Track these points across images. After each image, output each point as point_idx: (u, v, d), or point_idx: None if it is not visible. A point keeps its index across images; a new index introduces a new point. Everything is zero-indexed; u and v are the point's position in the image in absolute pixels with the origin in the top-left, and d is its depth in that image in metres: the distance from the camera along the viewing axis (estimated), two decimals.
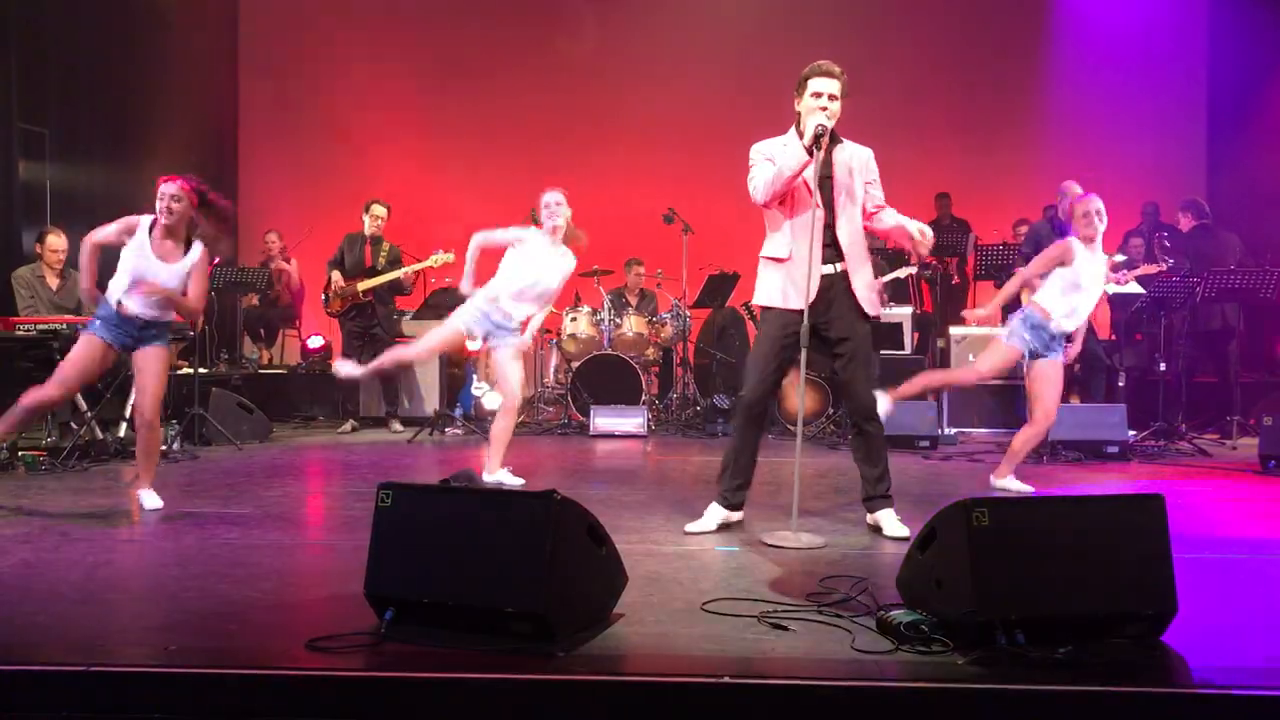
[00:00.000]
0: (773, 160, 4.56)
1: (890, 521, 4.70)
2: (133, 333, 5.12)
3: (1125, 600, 3.04)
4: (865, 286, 4.64)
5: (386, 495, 3.16)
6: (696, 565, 4.08)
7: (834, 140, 4.59)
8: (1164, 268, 8.07)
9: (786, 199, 4.58)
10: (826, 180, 4.58)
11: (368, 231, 8.70)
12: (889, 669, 2.83)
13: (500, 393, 6.12)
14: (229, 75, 12.42)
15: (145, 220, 5.12)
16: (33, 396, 5.09)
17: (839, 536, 4.62)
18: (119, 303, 5.06)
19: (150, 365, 5.14)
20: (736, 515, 4.84)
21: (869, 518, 4.82)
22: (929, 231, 4.66)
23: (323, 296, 8.90)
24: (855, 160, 4.66)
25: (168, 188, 5.09)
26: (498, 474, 5.93)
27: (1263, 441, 6.92)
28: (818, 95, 4.49)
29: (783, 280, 4.61)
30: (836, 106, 4.52)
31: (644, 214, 9.82)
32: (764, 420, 4.92)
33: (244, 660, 2.90)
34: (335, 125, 11.98)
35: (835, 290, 4.62)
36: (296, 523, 5.01)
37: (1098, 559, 3.03)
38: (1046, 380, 5.73)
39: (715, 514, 4.78)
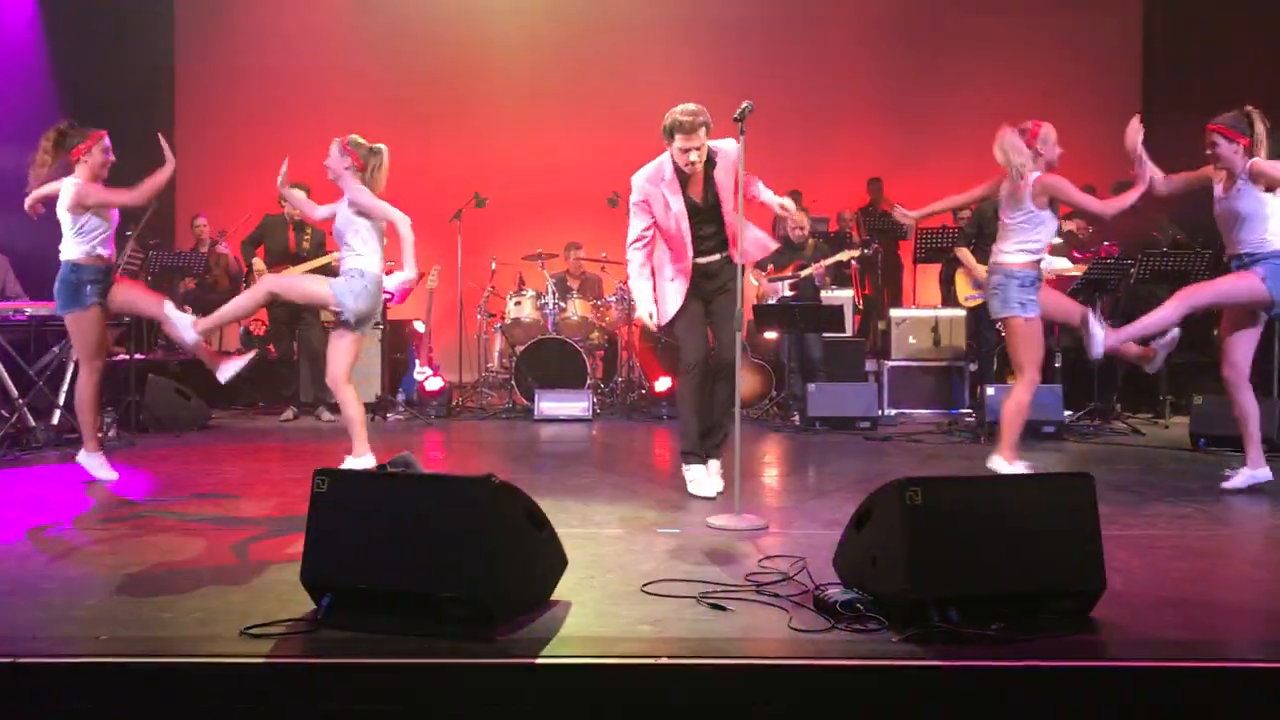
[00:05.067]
0: (650, 207, 5.08)
1: (711, 472, 5.22)
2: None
3: (1056, 577, 3.10)
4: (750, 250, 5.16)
5: (323, 481, 3.13)
6: (638, 548, 4.09)
7: (709, 159, 5.00)
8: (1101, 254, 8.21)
9: (670, 242, 5.15)
10: (712, 209, 5.08)
11: (288, 216, 8.52)
12: (824, 647, 2.86)
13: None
14: (165, 55, 12.18)
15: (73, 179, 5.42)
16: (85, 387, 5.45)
17: (781, 517, 4.65)
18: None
19: None
20: (715, 465, 5.27)
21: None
22: (789, 204, 5.12)
23: (245, 285, 8.75)
24: (730, 172, 4.99)
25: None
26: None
27: (1193, 421, 7.08)
28: (685, 151, 4.90)
29: (673, 289, 5.18)
30: (702, 154, 4.93)
31: (588, 197, 9.80)
32: (709, 380, 5.23)
33: (177, 649, 2.87)
34: (274, 105, 11.81)
35: (724, 272, 5.12)
36: (234, 510, 4.95)
37: (1029, 537, 3.09)
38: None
39: (701, 471, 5.20)
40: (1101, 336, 5.21)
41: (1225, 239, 5.29)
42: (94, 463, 5.52)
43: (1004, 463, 5.32)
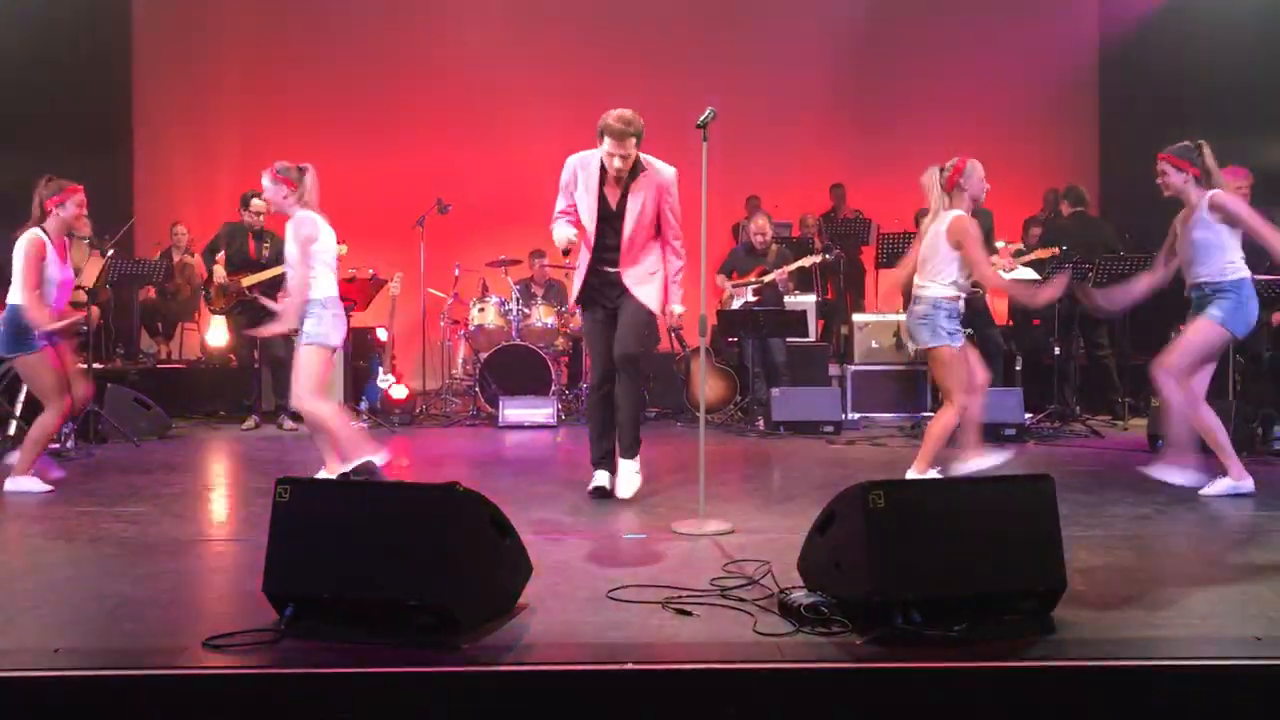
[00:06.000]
0: (572, 188, 5.21)
1: (628, 472, 5.30)
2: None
3: (1017, 578, 3.13)
4: (644, 289, 5.17)
5: (284, 490, 3.11)
6: (603, 554, 4.10)
7: (636, 168, 5.06)
8: (1056, 251, 8.29)
9: (581, 233, 5.21)
10: (618, 217, 5.11)
11: (248, 224, 8.44)
12: (789, 651, 2.88)
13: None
14: (123, 61, 12.04)
15: (39, 234, 5.38)
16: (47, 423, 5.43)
17: (746, 521, 4.66)
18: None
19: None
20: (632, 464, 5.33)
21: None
22: (674, 312, 5.27)
23: (204, 293, 8.67)
24: (651, 189, 5.09)
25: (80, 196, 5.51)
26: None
27: (1151, 422, 7.17)
28: (610, 156, 4.97)
29: (578, 280, 5.35)
30: (627, 163, 5.00)
31: (551, 203, 9.76)
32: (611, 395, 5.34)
33: (138, 661, 2.84)
34: (233, 114, 11.72)
35: (618, 286, 5.21)
36: (195, 520, 4.90)
37: (990, 538, 3.11)
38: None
39: (603, 475, 5.33)
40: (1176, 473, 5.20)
41: (1184, 270, 5.29)
42: (25, 484, 5.42)
43: (917, 473, 5.31)
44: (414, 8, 12.08)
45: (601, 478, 5.32)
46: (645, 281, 5.18)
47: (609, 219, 5.16)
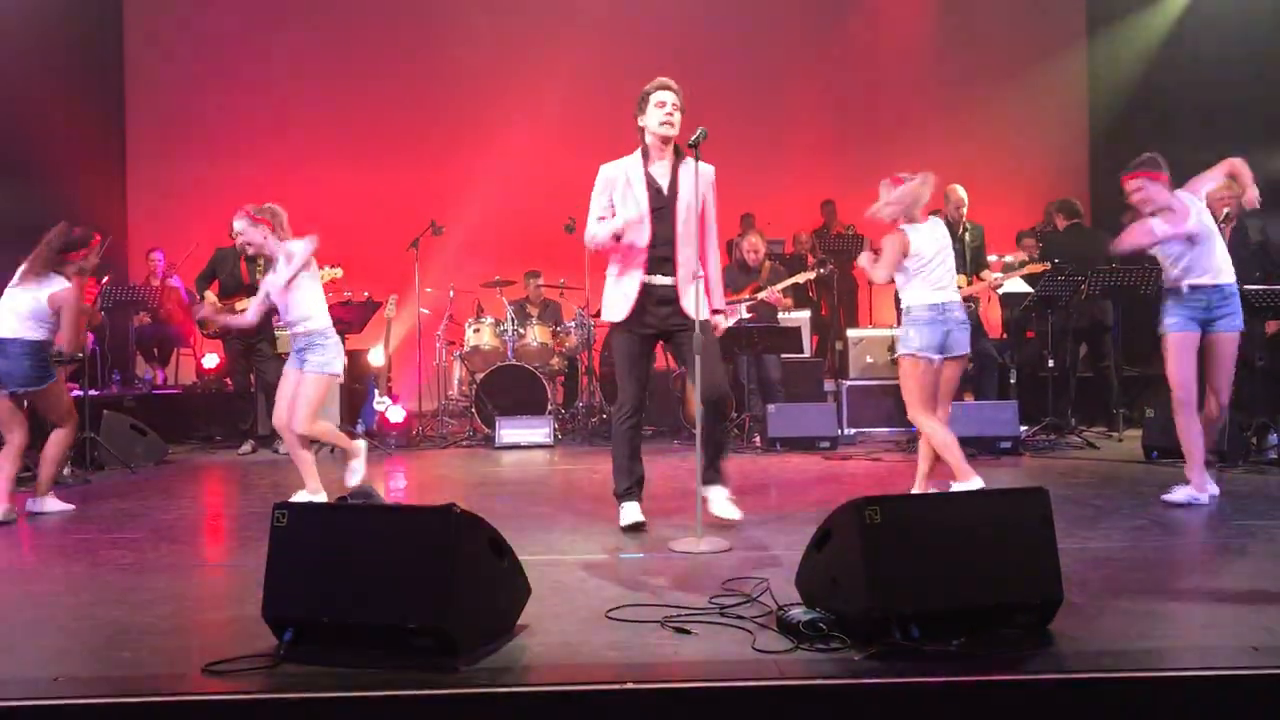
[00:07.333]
0: (610, 188, 4.90)
1: (719, 500, 4.97)
2: None
3: (1014, 591, 3.14)
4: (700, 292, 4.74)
5: (282, 515, 3.12)
6: (601, 574, 4.09)
7: (676, 154, 4.94)
8: (1047, 267, 8.33)
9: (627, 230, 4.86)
10: (670, 207, 4.87)
11: (240, 248, 8.42)
12: (788, 668, 2.88)
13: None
14: (114, 90, 12.10)
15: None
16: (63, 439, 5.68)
17: (743, 539, 4.67)
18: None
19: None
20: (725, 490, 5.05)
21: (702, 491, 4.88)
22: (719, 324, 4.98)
23: (197, 319, 8.68)
24: (701, 179, 4.81)
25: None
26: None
27: (1146, 433, 7.19)
28: (661, 105, 4.85)
29: (618, 295, 4.93)
30: (678, 116, 4.86)
31: (545, 223, 9.82)
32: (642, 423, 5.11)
33: (137, 688, 2.83)
34: (224, 139, 11.75)
35: (672, 305, 4.92)
36: (193, 545, 4.90)
37: (986, 552, 3.13)
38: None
39: (634, 508, 4.97)
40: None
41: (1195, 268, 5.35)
42: (49, 504, 5.65)
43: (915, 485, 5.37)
44: (407, 30, 12.14)
45: (635, 511, 4.94)
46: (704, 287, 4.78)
47: (657, 204, 4.82)
